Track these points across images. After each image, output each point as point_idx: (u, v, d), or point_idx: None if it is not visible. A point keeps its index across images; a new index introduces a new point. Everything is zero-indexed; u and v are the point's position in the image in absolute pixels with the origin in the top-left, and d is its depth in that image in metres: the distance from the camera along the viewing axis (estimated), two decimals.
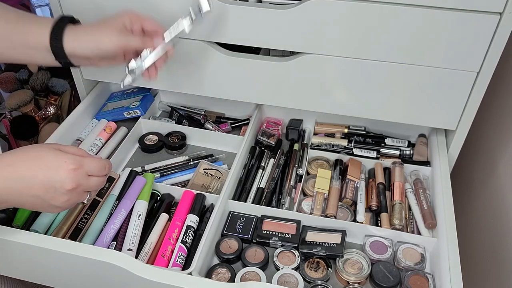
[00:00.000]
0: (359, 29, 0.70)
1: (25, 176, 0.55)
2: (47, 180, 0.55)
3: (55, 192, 0.56)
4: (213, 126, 0.93)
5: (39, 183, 0.55)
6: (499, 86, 0.86)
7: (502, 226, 0.82)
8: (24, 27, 0.65)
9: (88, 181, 0.59)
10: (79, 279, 0.66)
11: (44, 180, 0.55)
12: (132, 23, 0.68)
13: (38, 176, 0.55)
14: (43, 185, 0.55)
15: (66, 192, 0.56)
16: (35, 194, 0.55)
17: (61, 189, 0.56)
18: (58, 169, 0.55)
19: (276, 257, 0.71)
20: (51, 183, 0.55)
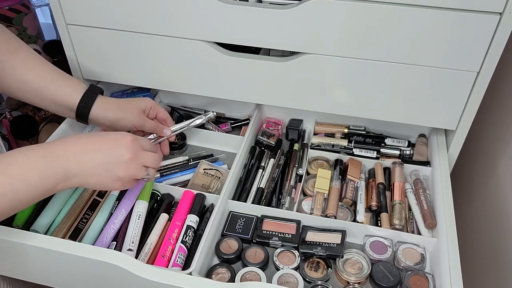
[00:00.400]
0: (359, 29, 0.70)
1: (87, 150, 0.61)
2: (108, 150, 0.62)
3: (116, 161, 0.62)
4: (213, 126, 0.93)
5: (101, 154, 0.61)
6: (499, 86, 0.86)
7: (502, 226, 0.82)
8: (57, 88, 0.73)
9: (144, 155, 0.65)
10: (79, 279, 0.66)
11: (105, 150, 0.62)
12: (150, 109, 0.79)
13: (100, 148, 0.61)
14: (104, 156, 0.61)
15: (125, 162, 0.62)
16: (97, 164, 0.61)
17: (121, 157, 0.62)
18: (117, 140, 0.63)
19: (276, 257, 0.71)
20: (111, 152, 0.62)
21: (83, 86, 0.75)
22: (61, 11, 0.81)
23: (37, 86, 0.72)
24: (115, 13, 0.78)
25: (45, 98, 0.74)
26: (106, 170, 0.61)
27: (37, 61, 0.74)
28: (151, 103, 0.80)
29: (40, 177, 0.57)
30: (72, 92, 0.74)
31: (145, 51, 0.82)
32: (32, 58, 0.73)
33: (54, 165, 0.58)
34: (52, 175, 0.58)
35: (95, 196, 0.73)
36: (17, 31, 1.02)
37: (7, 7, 0.99)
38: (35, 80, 0.72)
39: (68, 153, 0.59)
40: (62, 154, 0.59)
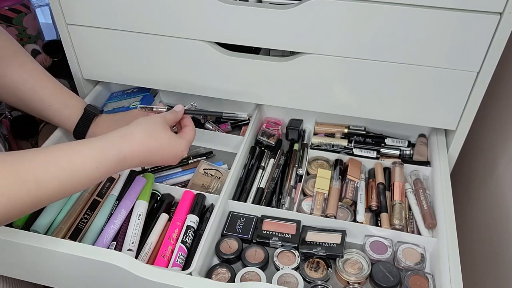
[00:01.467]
0: (359, 29, 0.70)
1: (148, 157, 0.64)
2: (166, 160, 0.67)
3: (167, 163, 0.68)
4: (213, 126, 0.93)
5: (158, 161, 0.67)
6: (499, 86, 0.86)
7: (502, 226, 0.82)
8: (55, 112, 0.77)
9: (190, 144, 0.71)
10: (79, 279, 0.66)
11: (164, 160, 0.67)
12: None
13: (161, 159, 0.66)
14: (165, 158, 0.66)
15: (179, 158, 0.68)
16: (155, 163, 0.68)
17: (178, 157, 0.68)
18: (176, 156, 0.67)
19: (276, 257, 0.71)
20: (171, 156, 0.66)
21: (80, 107, 0.78)
22: (61, 11, 0.81)
23: (36, 107, 0.76)
24: (115, 13, 0.78)
25: (43, 117, 0.78)
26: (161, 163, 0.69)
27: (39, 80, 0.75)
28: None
29: (100, 179, 0.60)
30: (68, 117, 0.77)
31: (145, 51, 0.82)
32: (35, 76, 0.75)
33: (117, 170, 0.61)
34: (110, 175, 0.63)
35: (95, 196, 0.73)
36: (17, 31, 1.02)
37: (7, 7, 0.99)
38: (34, 101, 0.75)
39: (133, 159, 0.62)
40: (129, 162, 0.62)
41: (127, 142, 0.61)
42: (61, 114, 0.77)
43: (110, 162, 0.59)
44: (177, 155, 0.67)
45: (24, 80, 0.74)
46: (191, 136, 0.70)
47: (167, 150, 0.65)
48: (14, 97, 0.75)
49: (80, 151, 0.58)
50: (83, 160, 0.57)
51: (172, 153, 0.66)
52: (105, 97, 0.97)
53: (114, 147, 0.60)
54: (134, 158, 0.62)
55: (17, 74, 0.73)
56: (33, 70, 0.75)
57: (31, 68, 0.75)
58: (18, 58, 0.74)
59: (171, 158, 0.66)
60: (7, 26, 1.00)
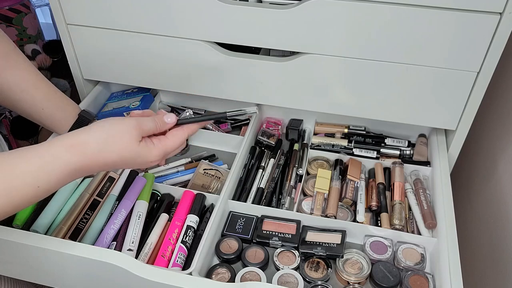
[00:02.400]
0: (358, 29, 0.70)
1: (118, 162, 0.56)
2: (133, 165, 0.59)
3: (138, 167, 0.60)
4: (213, 126, 0.93)
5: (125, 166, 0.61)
6: (499, 86, 0.86)
7: (502, 226, 0.82)
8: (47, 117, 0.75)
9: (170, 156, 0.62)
10: (79, 279, 0.66)
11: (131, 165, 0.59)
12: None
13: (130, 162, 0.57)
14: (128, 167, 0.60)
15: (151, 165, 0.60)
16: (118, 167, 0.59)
17: (148, 165, 0.59)
18: (145, 164, 0.58)
19: (276, 257, 0.71)
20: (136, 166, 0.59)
21: (73, 113, 0.77)
22: (61, 11, 0.81)
23: (28, 110, 0.74)
24: (115, 13, 0.78)
25: (36, 120, 0.77)
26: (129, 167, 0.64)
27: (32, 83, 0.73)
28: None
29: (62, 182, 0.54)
30: (61, 123, 0.76)
31: (145, 51, 0.82)
32: (29, 79, 0.72)
33: (80, 172, 0.55)
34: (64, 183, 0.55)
35: (95, 196, 0.73)
36: (17, 31, 1.02)
37: (7, 7, 0.99)
38: (27, 104, 0.73)
39: (97, 164, 0.55)
40: (91, 165, 0.55)
41: (76, 155, 0.53)
42: (54, 118, 0.75)
43: (56, 177, 0.52)
44: (145, 165, 0.59)
45: (16, 82, 0.71)
46: (170, 144, 0.59)
47: (132, 163, 0.57)
48: (6, 99, 0.72)
49: (18, 169, 0.50)
50: (22, 180, 0.50)
51: (139, 164, 0.58)
52: (105, 97, 0.98)
53: (58, 161, 0.52)
54: (88, 170, 0.54)
55: (9, 75, 0.71)
56: (27, 72, 0.72)
57: (25, 69, 0.72)
58: (10, 58, 0.71)
59: (137, 168, 0.60)
60: (7, 26, 1.00)
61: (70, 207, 0.72)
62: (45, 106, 0.74)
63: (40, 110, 0.74)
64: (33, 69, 0.74)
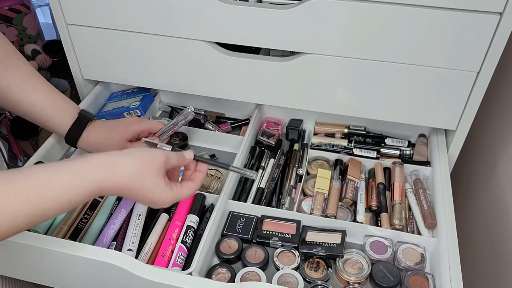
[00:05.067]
0: (359, 29, 0.70)
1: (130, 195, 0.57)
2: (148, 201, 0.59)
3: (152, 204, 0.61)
4: (213, 126, 0.93)
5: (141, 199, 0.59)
6: (499, 86, 0.86)
7: (502, 226, 0.82)
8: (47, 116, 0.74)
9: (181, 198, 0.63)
10: (79, 279, 0.66)
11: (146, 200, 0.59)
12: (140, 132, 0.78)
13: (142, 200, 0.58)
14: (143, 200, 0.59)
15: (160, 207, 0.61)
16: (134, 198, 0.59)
17: (157, 206, 0.60)
18: (158, 203, 0.59)
19: (276, 257, 0.71)
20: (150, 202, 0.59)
21: (73, 113, 0.76)
22: (61, 11, 0.81)
23: (28, 110, 0.73)
24: (115, 13, 0.78)
25: (35, 121, 0.75)
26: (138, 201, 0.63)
27: (31, 83, 0.73)
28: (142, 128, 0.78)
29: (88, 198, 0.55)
30: (61, 122, 0.75)
31: (145, 51, 0.82)
32: (27, 79, 0.73)
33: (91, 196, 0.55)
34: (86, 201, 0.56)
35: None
36: (17, 31, 1.02)
37: (7, 7, 0.99)
38: (27, 105, 0.73)
39: (111, 192, 0.57)
40: (106, 192, 0.56)
41: (108, 173, 0.54)
42: (54, 118, 0.75)
43: (85, 193, 0.53)
44: (156, 204, 0.59)
45: (16, 82, 0.71)
46: (183, 193, 0.61)
47: (148, 196, 0.57)
48: (6, 100, 0.72)
49: (53, 184, 0.51)
50: (55, 193, 0.51)
51: (153, 200, 0.58)
52: (105, 97, 0.98)
53: (92, 177, 0.53)
54: (112, 190, 0.55)
55: (9, 77, 0.71)
56: (26, 73, 0.73)
57: (24, 71, 0.72)
58: (10, 59, 0.72)
59: (149, 203, 0.60)
60: (7, 26, 1.00)
61: None
62: (44, 106, 0.74)
63: (40, 110, 0.73)
64: (32, 70, 0.74)
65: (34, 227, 0.67)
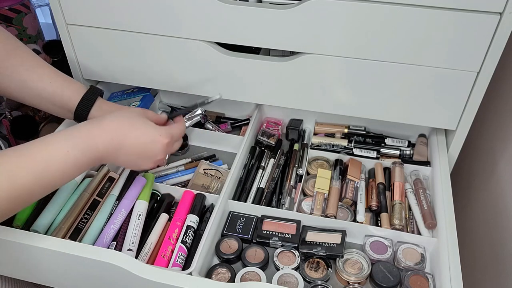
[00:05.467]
0: (359, 29, 0.70)
1: (125, 145, 0.63)
2: (144, 149, 0.64)
3: (148, 159, 0.66)
4: (213, 126, 0.93)
5: (136, 151, 0.64)
6: (499, 86, 0.86)
7: (502, 226, 0.82)
8: (56, 90, 0.73)
9: (172, 147, 0.69)
10: (79, 279, 0.66)
11: (141, 149, 0.64)
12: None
13: (137, 145, 0.63)
14: (138, 153, 0.64)
15: (155, 161, 0.66)
16: (129, 157, 0.64)
17: (154, 157, 0.66)
18: (154, 142, 0.64)
19: (276, 257, 0.71)
20: (146, 152, 0.64)
21: (82, 88, 0.75)
22: (61, 11, 0.81)
23: (35, 87, 0.72)
24: (115, 13, 0.78)
25: (44, 99, 0.73)
26: (134, 162, 0.66)
27: (36, 62, 0.73)
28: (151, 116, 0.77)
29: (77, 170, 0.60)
30: (71, 94, 0.74)
31: (145, 51, 0.82)
32: (31, 59, 0.73)
33: (91, 159, 0.60)
34: (87, 166, 0.61)
35: (95, 196, 0.73)
36: (17, 31, 1.02)
37: (7, 7, 0.99)
38: (34, 81, 0.72)
39: (106, 148, 0.61)
40: (102, 149, 0.61)
41: (97, 127, 0.61)
42: (63, 93, 0.73)
43: (81, 147, 0.59)
44: (156, 142, 0.64)
45: (20, 63, 0.71)
46: (174, 129, 0.67)
47: (144, 135, 0.63)
48: (13, 82, 0.71)
49: (50, 141, 0.58)
50: (54, 147, 0.58)
51: (150, 138, 0.64)
52: (105, 97, 0.97)
53: (83, 130, 0.60)
54: (107, 145, 0.61)
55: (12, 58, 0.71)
56: (28, 53, 0.73)
57: (26, 52, 0.73)
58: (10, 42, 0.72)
59: (150, 146, 0.64)
60: (7, 26, 1.00)
61: (70, 207, 0.72)
62: (53, 80, 0.73)
63: (48, 85, 0.72)
64: (33, 53, 0.74)
65: (34, 227, 0.67)
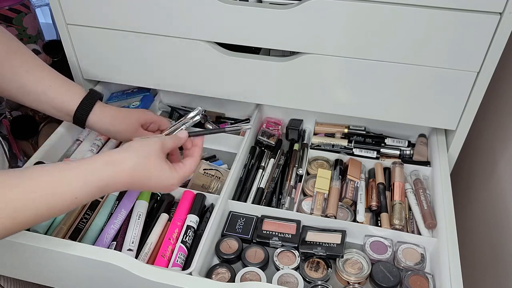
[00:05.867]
0: (359, 29, 0.70)
1: (136, 188, 0.62)
2: (154, 189, 0.69)
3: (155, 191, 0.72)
4: (213, 126, 0.93)
5: (149, 188, 0.65)
6: (499, 86, 0.86)
7: (502, 226, 0.82)
8: (56, 93, 0.73)
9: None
10: (79, 279, 0.66)
11: (151, 188, 0.67)
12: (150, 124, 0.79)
13: (148, 188, 0.65)
14: (152, 188, 0.67)
15: (169, 190, 0.67)
16: (143, 188, 0.69)
17: (167, 190, 0.66)
18: (166, 187, 0.64)
19: (276, 257, 0.71)
20: (159, 188, 0.65)
21: (81, 91, 0.75)
22: (61, 11, 0.81)
23: (35, 90, 0.72)
24: (115, 13, 0.78)
25: (43, 102, 0.73)
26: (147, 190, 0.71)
27: (36, 64, 0.73)
28: (152, 118, 0.79)
29: (94, 196, 0.58)
30: (70, 98, 0.73)
31: (145, 51, 0.82)
32: (31, 61, 0.73)
33: (98, 193, 0.58)
34: (92, 198, 0.59)
35: None
36: (17, 31, 1.02)
37: (7, 7, 0.99)
38: (34, 84, 0.72)
39: (117, 189, 0.60)
40: (112, 191, 0.60)
41: (112, 171, 0.58)
42: (63, 95, 0.73)
43: (90, 191, 0.56)
44: (165, 188, 0.64)
45: (20, 65, 0.71)
46: (187, 171, 0.65)
47: (156, 182, 0.62)
48: (12, 83, 0.71)
49: (61, 180, 0.55)
50: (63, 191, 0.54)
51: (161, 185, 0.63)
52: (105, 97, 0.98)
53: (97, 175, 0.57)
54: (118, 185, 0.59)
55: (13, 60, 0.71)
56: (28, 55, 0.73)
57: (26, 54, 0.73)
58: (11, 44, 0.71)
59: (159, 189, 0.65)
60: (7, 26, 1.00)
61: None
62: (52, 83, 0.73)
63: (48, 88, 0.72)
64: (33, 54, 0.74)
65: (34, 227, 0.67)
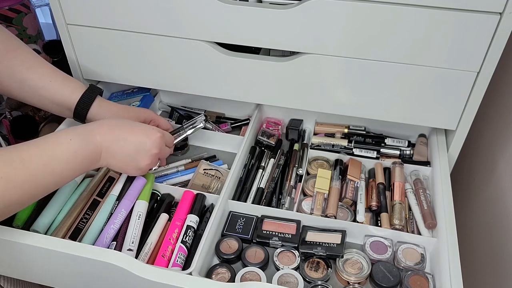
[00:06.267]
0: (359, 29, 0.70)
1: (120, 139, 0.66)
2: (139, 142, 0.67)
3: (144, 153, 0.68)
4: (213, 126, 0.93)
5: (132, 145, 0.67)
6: (499, 86, 0.86)
7: (502, 225, 0.82)
8: (56, 88, 0.74)
9: (164, 150, 0.72)
10: (79, 279, 0.66)
11: (137, 142, 0.67)
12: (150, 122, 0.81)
13: (132, 139, 0.67)
14: (135, 147, 0.67)
15: (151, 155, 0.69)
16: (127, 154, 0.67)
17: (149, 151, 0.68)
18: (148, 135, 0.68)
19: (276, 257, 0.71)
20: (142, 145, 0.67)
21: (82, 86, 0.76)
22: (61, 11, 0.81)
23: (35, 85, 0.73)
24: (115, 13, 0.78)
25: (44, 98, 0.74)
26: (131, 160, 0.68)
27: (36, 61, 0.74)
28: (151, 116, 0.81)
29: (80, 161, 0.62)
30: (71, 92, 0.75)
31: (145, 51, 0.82)
32: (31, 58, 0.73)
33: (91, 151, 0.63)
34: (89, 159, 0.64)
35: (95, 196, 0.73)
36: (17, 31, 1.02)
37: (7, 7, 0.99)
38: (34, 80, 0.73)
39: (104, 140, 0.64)
40: (99, 141, 0.64)
41: (95, 123, 0.66)
42: (63, 91, 0.74)
43: (81, 135, 0.63)
44: (149, 134, 0.68)
45: (20, 62, 0.72)
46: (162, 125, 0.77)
47: (137, 127, 0.68)
48: (13, 81, 0.72)
49: (52, 134, 0.62)
50: (56, 135, 0.62)
51: (143, 130, 0.68)
52: (105, 97, 0.97)
53: (81, 125, 0.65)
54: (104, 135, 0.64)
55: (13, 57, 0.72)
56: (28, 53, 0.74)
57: (26, 51, 0.74)
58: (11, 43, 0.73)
59: (144, 139, 0.68)
60: (7, 26, 1.00)
61: (70, 207, 0.72)
62: (53, 79, 0.74)
63: (48, 84, 0.73)
64: (33, 51, 0.75)
65: (34, 227, 0.67)
